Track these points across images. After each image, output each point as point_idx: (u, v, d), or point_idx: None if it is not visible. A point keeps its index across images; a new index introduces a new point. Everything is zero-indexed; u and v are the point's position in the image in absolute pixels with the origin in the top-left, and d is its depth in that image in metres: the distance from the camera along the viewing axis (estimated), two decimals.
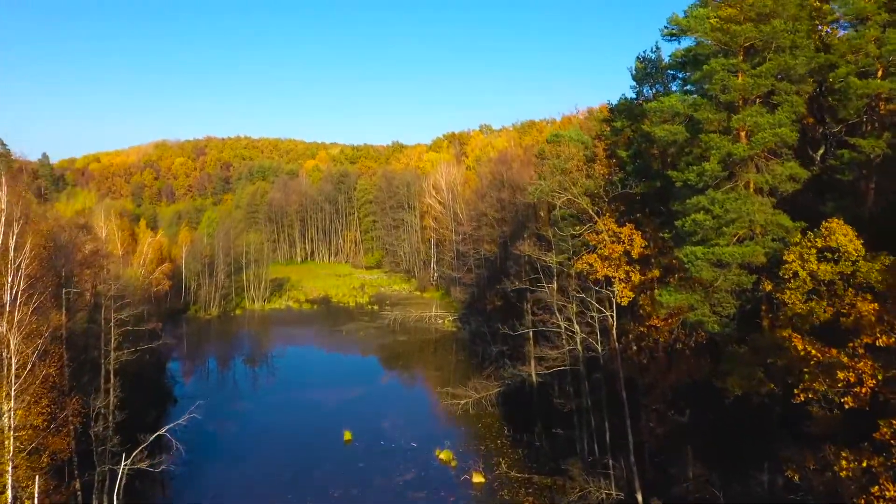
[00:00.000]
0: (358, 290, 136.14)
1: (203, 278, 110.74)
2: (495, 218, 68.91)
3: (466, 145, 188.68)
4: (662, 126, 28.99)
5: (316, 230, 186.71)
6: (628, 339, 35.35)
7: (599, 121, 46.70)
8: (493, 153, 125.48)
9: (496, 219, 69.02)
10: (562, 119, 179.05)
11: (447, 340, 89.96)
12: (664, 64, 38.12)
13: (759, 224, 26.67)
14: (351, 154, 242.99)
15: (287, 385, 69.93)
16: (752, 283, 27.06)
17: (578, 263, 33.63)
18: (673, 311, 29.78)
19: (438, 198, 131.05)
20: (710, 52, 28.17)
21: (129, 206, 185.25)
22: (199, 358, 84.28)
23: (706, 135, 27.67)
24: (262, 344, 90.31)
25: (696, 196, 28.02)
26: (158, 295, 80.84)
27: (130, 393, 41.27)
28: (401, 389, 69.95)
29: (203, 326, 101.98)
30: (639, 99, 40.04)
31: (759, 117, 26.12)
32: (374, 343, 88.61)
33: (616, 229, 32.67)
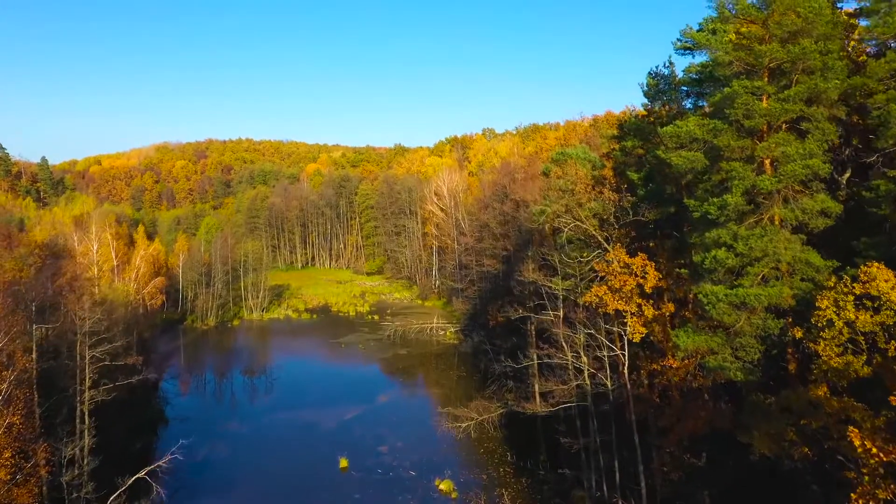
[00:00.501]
0: (358, 298, 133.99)
1: (200, 288, 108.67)
2: (498, 232, 66.58)
3: (469, 149, 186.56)
4: (679, 153, 26.67)
5: (317, 235, 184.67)
6: (640, 374, 33.03)
7: (607, 137, 44.32)
8: (497, 160, 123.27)
9: (499, 233, 66.69)
10: (566, 124, 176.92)
11: (448, 354, 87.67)
12: (678, 79, 35.77)
13: (787, 263, 24.32)
14: (353, 157, 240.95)
15: (283, 404, 67.73)
16: (780, 329, 24.72)
17: (587, 296, 31.32)
18: (690, 353, 27.47)
19: (440, 204, 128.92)
20: (730, 72, 25.79)
21: (127, 211, 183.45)
22: (194, 372, 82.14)
23: (727, 163, 25.35)
24: (259, 357, 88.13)
25: (716, 229, 25.71)
26: (152, 309, 78.69)
27: (115, 420, 39.18)
28: (400, 409, 67.65)
29: (199, 338, 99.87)
30: (650, 116, 37.70)
31: (787, 146, 23.79)
32: (374, 357, 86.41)
33: (627, 260, 30.34)
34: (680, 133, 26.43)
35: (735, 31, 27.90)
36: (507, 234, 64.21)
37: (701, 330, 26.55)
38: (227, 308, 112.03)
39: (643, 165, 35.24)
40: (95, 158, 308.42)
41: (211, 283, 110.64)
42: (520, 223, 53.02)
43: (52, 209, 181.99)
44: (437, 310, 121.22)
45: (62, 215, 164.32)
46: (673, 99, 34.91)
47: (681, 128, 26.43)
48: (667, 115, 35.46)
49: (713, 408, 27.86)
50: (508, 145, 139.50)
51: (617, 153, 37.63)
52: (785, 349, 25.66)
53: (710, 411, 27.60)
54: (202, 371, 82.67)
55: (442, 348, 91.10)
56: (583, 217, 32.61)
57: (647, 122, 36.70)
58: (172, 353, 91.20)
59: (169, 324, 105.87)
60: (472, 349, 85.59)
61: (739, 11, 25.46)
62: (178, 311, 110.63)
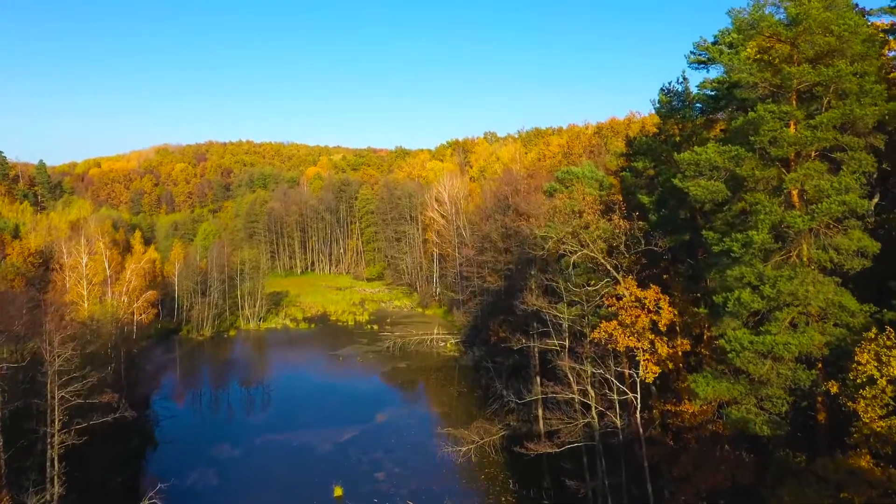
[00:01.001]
0: (358, 306, 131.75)
1: (196, 297, 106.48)
2: (501, 246, 64.29)
3: (471, 153, 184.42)
4: (698, 182, 24.37)
5: (317, 240, 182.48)
6: (653, 413, 30.71)
7: (615, 154, 41.92)
8: (499, 167, 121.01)
9: (502, 247, 64.39)
10: (569, 129, 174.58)
11: (449, 367, 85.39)
12: (692, 96, 33.46)
13: (818, 307, 22.01)
14: (353, 160, 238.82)
15: (277, 424, 65.42)
16: (812, 381, 22.41)
17: (596, 332, 29.03)
18: (710, 401, 25.19)
19: (441, 211, 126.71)
20: (754, 95, 23.47)
21: (125, 216, 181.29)
22: (188, 388, 79.84)
23: (751, 194, 23.03)
24: (255, 371, 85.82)
25: (738, 266, 23.39)
26: (144, 323, 76.47)
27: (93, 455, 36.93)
28: (398, 430, 65.33)
29: (195, 349, 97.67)
30: (662, 134, 35.38)
31: (819, 179, 21.50)
32: (372, 371, 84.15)
33: (639, 294, 28.03)
34: (699, 160, 24.13)
35: (757, 47, 25.61)
36: (509, 249, 61.91)
37: (721, 375, 24.27)
38: (224, 317, 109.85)
39: (655, 188, 32.93)
40: (95, 161, 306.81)
41: (207, 292, 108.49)
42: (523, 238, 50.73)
43: (49, 214, 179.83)
44: (438, 319, 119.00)
45: (58, 220, 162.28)
46: (687, 117, 32.57)
47: (699, 155, 24.12)
48: (680, 134, 33.15)
49: (734, 458, 25.58)
50: (510, 151, 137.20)
51: (627, 174, 35.33)
52: (815, 398, 23.38)
53: (731, 463, 25.34)
54: (196, 387, 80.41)
55: (442, 361, 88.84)
56: (591, 243, 30.28)
57: (659, 140, 34.41)
58: (167, 366, 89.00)
59: (164, 334, 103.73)
60: (472, 362, 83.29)
61: (764, 28, 23.14)
62: (173, 321, 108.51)
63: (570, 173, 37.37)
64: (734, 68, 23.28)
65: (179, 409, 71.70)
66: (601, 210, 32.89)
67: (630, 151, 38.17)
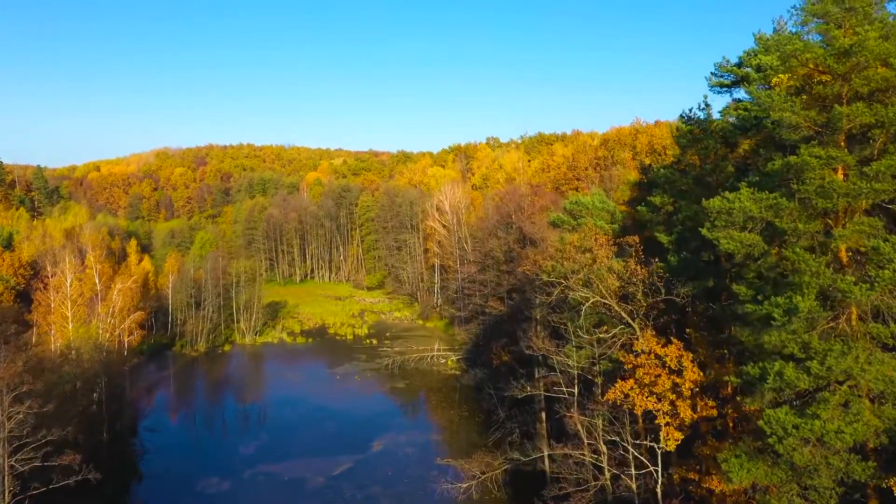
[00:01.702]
0: (357, 318, 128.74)
1: (190, 311, 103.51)
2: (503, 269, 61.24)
3: (473, 158, 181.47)
4: (730, 234, 21.25)
5: (316, 247, 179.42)
6: (672, 478, 27.58)
7: (628, 184, 38.67)
8: (501, 175, 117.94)
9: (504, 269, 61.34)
10: (573, 135, 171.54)
11: (449, 387, 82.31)
12: (715, 123, 30.31)
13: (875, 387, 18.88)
14: (354, 165, 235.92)
15: (269, 453, 62.33)
16: (869, 475, 19.25)
17: (610, 392, 25.93)
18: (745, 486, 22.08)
19: (442, 220, 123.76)
20: (797, 136, 20.33)
21: (121, 224, 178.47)
22: (177, 412, 76.86)
23: (793, 250, 19.90)
24: (248, 393, 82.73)
25: (777, 332, 20.24)
26: (131, 345, 73.53)
27: None
28: (395, 460, 62.27)
29: (188, 366, 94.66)
30: (680, 163, 32.23)
31: (877, 239, 18.33)
32: (370, 391, 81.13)
33: (659, 351, 24.92)
34: (731, 209, 21.00)
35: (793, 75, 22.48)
36: (512, 271, 58.85)
37: (757, 455, 21.16)
38: (219, 332, 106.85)
39: (674, 225, 29.79)
40: (95, 164, 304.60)
41: (202, 306, 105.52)
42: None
43: (45, 221, 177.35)
44: (439, 332, 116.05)
45: (53, 228, 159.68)
46: (709, 148, 29.41)
47: (732, 203, 21.00)
48: (702, 166, 30.02)
49: None
50: (513, 159, 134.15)
51: (642, 209, 32.22)
52: (867, 491, 20.25)
53: None
54: (187, 410, 77.35)
55: (442, 380, 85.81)
56: (604, 290, 27.17)
57: (678, 170, 31.25)
58: (159, 385, 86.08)
59: (157, 349, 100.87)
60: (474, 382, 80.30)
61: (808, 60, 20.02)
62: (167, 335, 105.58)
63: (579, 203, 34.27)
64: (773, 106, 20.16)
65: (169, 435, 68.68)
66: (614, 250, 29.79)
67: (644, 180, 35.02)
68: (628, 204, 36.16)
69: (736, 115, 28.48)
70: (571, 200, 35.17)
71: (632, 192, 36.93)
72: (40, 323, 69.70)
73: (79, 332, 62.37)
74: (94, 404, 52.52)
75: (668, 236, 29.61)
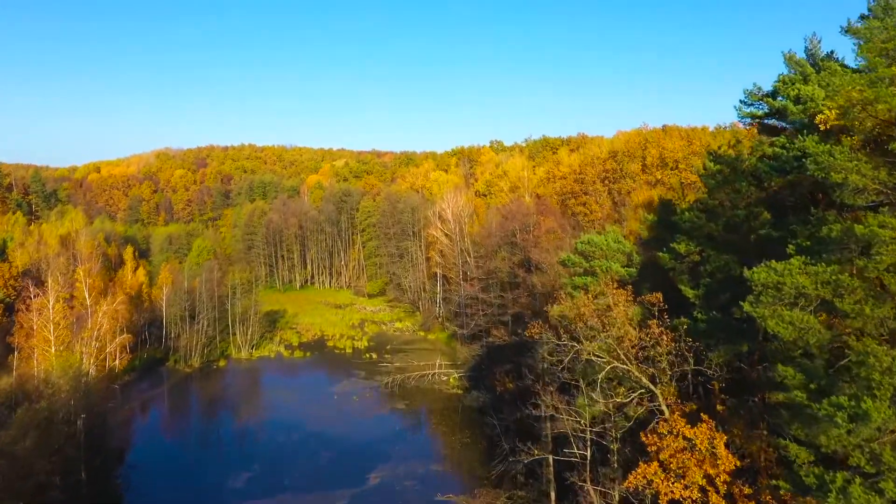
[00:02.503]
0: (357, 328, 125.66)
1: (184, 324, 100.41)
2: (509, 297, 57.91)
3: (476, 162, 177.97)
4: (779, 313, 17.90)
5: (317, 251, 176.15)
6: None
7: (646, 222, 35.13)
8: (505, 184, 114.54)
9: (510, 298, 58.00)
10: (579, 136, 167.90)
11: (451, 409, 79.03)
12: (747, 163, 26.89)
13: None
14: (356, 167, 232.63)
15: (259, 486, 59.11)
16: None
17: (630, 478, 22.64)
18: None
19: (445, 229, 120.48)
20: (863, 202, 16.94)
21: (118, 229, 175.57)
22: (167, 436, 73.70)
23: (859, 339, 16.50)
24: (241, 415, 79.39)
25: (836, 430, 16.85)
26: (117, 370, 70.45)
27: None
28: (394, 494, 58.94)
29: (181, 384, 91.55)
30: (708, 204, 28.79)
31: None
32: (369, 413, 77.84)
33: (688, 433, 21.57)
34: (780, 284, 17.62)
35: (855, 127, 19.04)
36: (518, 299, 55.54)
37: None
38: (214, 345, 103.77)
39: (700, 276, 26.38)
40: (95, 165, 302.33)
41: (196, 318, 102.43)
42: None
43: (41, 226, 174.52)
44: (441, 344, 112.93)
45: (49, 234, 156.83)
46: (742, 191, 25.97)
47: (781, 276, 17.62)
48: (732, 208, 26.61)
49: None
50: (517, 165, 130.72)
51: (664, 256, 28.80)
52: None
53: None
54: (177, 435, 74.12)
55: (444, 400, 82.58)
56: (623, 355, 23.84)
57: (704, 212, 27.83)
58: (151, 404, 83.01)
59: (150, 364, 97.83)
60: (476, 404, 77.13)
61: (879, 111, 16.60)
62: (161, 348, 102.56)
63: (592, 244, 30.91)
64: (834, 166, 16.77)
65: (156, 466, 65.43)
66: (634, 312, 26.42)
67: (662, 216, 31.59)
68: (646, 243, 32.80)
69: (773, 158, 25.04)
70: (583, 240, 31.84)
71: (650, 232, 33.55)
72: (23, 346, 66.71)
73: (60, 360, 59.30)
74: (73, 440, 49.36)
75: (694, 290, 26.26)
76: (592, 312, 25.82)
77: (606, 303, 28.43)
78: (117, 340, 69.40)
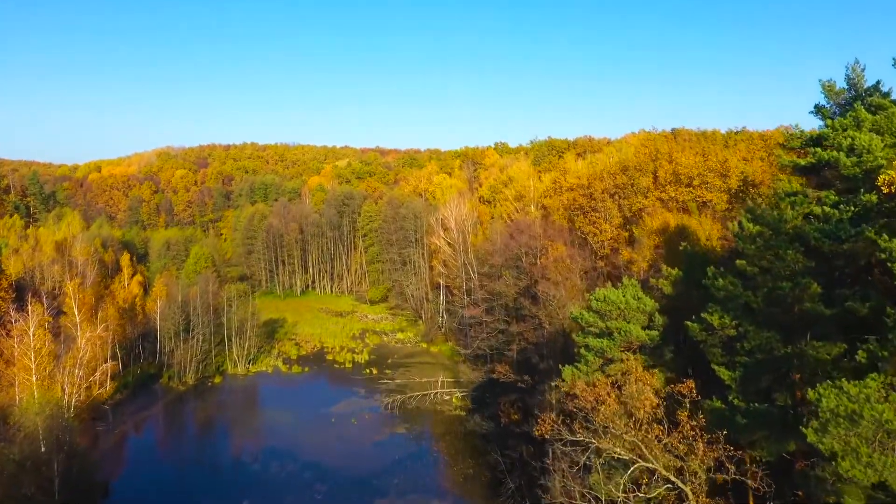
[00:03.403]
0: (358, 339, 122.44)
1: (178, 339, 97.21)
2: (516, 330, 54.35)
3: (480, 164, 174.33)
4: (855, 448, 14.21)
5: (320, 254, 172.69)
6: None
7: (669, 278, 31.19)
8: (510, 192, 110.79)
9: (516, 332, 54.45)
10: (585, 139, 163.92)
11: (453, 434, 75.65)
12: (789, 223, 23.21)
13: None
14: (358, 168, 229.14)
15: None
16: None
17: None
18: None
19: (448, 238, 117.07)
20: None
21: (116, 234, 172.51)
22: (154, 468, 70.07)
23: None
24: (234, 442, 75.91)
25: None
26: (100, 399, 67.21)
27: None
28: None
29: (173, 404, 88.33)
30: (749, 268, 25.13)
31: None
32: (368, 439, 74.50)
33: None
34: (856, 415, 13.99)
35: None
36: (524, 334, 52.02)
37: None
38: (209, 360, 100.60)
39: (736, 353, 22.77)
40: (96, 164, 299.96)
41: (190, 332, 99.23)
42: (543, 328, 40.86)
43: (38, 230, 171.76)
44: (443, 357, 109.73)
45: (45, 240, 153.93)
46: (788, 260, 22.31)
47: (857, 404, 13.98)
48: (775, 278, 22.92)
49: None
50: (523, 170, 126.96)
51: (694, 327, 25.17)
52: None
53: None
54: (162, 468, 70.24)
55: (446, 423, 79.21)
56: (648, 454, 20.30)
57: (741, 279, 24.16)
58: (140, 430, 79.69)
59: (144, 381, 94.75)
60: (481, 430, 73.82)
61: None
62: (155, 363, 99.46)
63: (608, 301, 27.33)
64: None
65: (145, 494, 62.27)
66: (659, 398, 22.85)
67: (688, 271, 27.92)
68: (670, 300, 29.20)
69: (821, 213, 21.39)
70: (598, 296, 28.26)
71: (675, 288, 29.85)
72: (2, 373, 63.52)
73: (40, 391, 56.12)
74: (48, 485, 46.19)
75: (729, 370, 22.71)
76: (614, 400, 22.29)
77: (622, 368, 24.93)
78: (103, 368, 66.16)
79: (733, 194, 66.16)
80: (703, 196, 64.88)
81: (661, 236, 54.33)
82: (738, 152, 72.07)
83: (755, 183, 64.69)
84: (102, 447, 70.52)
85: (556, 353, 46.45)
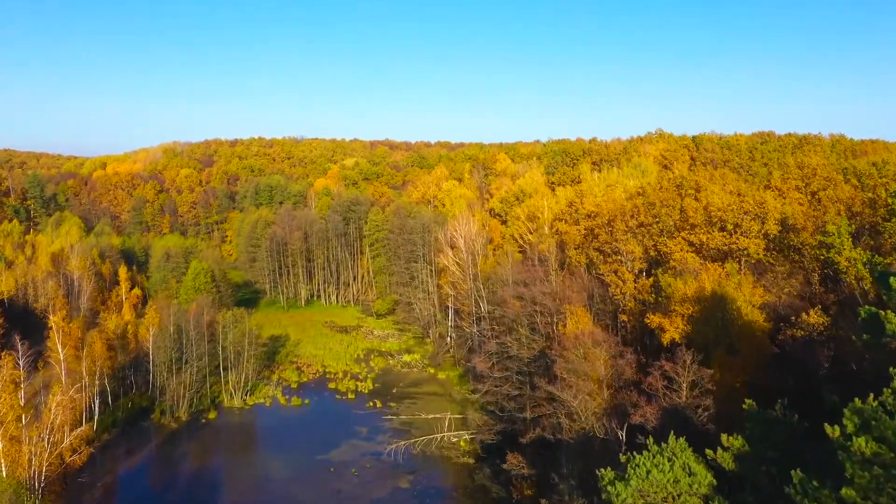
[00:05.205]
0: (362, 361, 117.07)
1: (171, 371, 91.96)
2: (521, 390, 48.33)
3: (491, 170, 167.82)
4: None
5: (325, 261, 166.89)
6: None
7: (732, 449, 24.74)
8: (522, 212, 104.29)
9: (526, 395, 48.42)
10: (591, 141, 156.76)
11: (461, 489, 70.16)
12: None
13: None
14: (366, 169, 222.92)
15: None
16: None
17: None
18: None
19: (456, 258, 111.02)
20: None
21: (115, 242, 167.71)
22: None
23: None
24: (227, 493, 70.73)
25: None
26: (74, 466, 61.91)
27: None
28: None
29: (163, 446, 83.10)
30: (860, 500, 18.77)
31: None
32: (367, 496, 68.98)
33: None
34: None
35: None
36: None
37: None
38: (204, 392, 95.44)
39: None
40: (101, 160, 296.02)
41: (185, 360, 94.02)
42: None
43: (37, 237, 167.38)
44: (451, 385, 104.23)
45: (42, 250, 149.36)
46: None
47: None
48: None
49: None
50: (534, 184, 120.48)
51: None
52: None
53: None
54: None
55: (453, 474, 73.68)
56: None
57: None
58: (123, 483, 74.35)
59: (135, 416, 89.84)
60: (490, 483, 68.28)
61: None
62: (147, 395, 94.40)
63: (652, 482, 21.22)
64: None
65: None
66: None
67: (753, 438, 21.60)
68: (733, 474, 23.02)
69: None
70: (640, 475, 22.07)
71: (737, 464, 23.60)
72: None
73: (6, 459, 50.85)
74: None
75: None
76: None
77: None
78: (76, 432, 60.92)
79: (771, 240, 59.61)
80: (740, 243, 58.35)
81: (697, 304, 47.94)
82: (775, 201, 63.81)
83: (796, 228, 58.05)
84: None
85: (576, 470, 40.50)
